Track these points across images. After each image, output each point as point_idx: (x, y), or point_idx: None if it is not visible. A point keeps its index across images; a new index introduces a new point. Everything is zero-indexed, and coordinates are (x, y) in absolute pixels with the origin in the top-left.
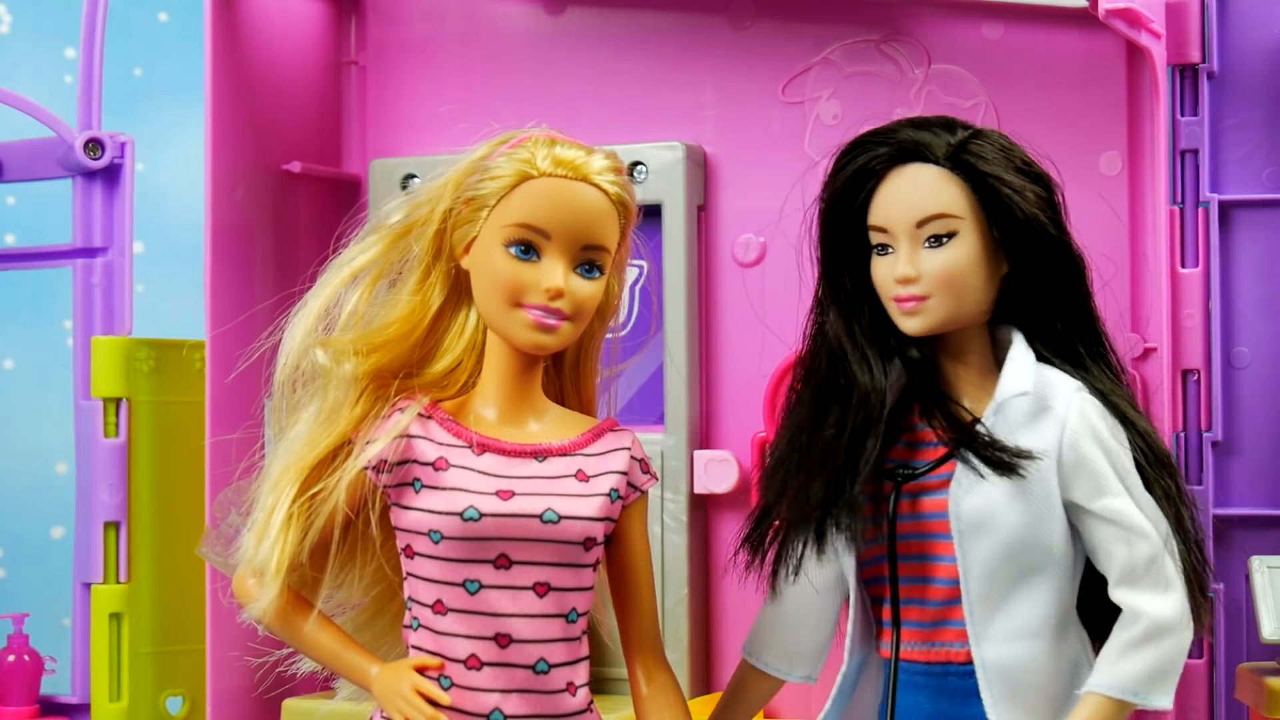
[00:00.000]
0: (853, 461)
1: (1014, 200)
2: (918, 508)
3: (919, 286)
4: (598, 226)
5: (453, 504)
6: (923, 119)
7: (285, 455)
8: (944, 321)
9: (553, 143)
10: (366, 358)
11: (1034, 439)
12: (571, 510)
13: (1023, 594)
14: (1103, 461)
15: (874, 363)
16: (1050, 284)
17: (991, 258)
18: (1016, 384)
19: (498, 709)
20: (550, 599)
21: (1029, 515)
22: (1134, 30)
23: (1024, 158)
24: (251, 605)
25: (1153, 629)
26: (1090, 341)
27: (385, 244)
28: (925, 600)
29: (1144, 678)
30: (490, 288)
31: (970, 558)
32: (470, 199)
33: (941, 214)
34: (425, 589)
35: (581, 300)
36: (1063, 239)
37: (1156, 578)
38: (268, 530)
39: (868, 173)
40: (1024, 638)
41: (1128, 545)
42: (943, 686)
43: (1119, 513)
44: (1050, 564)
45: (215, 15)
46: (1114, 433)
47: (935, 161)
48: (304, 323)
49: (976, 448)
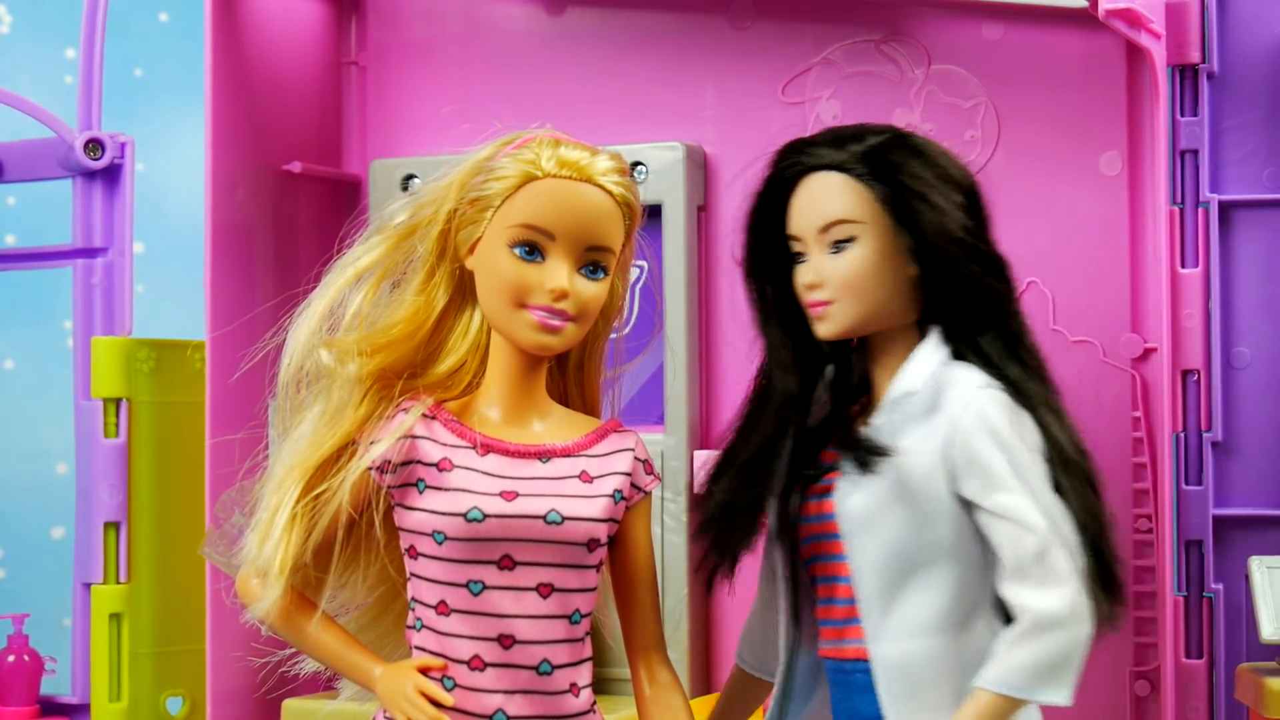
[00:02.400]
0: (760, 462)
1: (916, 204)
2: (822, 509)
3: (823, 291)
4: (602, 227)
5: (456, 505)
6: (840, 129)
7: (289, 456)
8: (852, 324)
9: (557, 143)
10: (371, 358)
11: (922, 436)
12: (575, 511)
13: (916, 590)
14: (997, 457)
15: (790, 368)
16: (960, 285)
17: (895, 261)
18: (906, 383)
19: (501, 710)
20: (554, 600)
21: (912, 514)
22: (1134, 30)
23: (942, 162)
24: (255, 605)
25: (1037, 623)
26: (1007, 340)
27: (389, 244)
28: (834, 599)
29: (1029, 671)
30: (494, 288)
31: (859, 556)
32: (475, 199)
33: (841, 219)
34: (429, 590)
35: (586, 301)
36: (973, 243)
37: (1042, 572)
38: (271, 530)
39: (782, 182)
40: (920, 634)
41: (1016, 540)
42: (849, 683)
43: (1009, 508)
44: (941, 559)
45: (215, 15)
46: (1017, 429)
47: (839, 168)
48: (308, 323)
49: (848, 447)
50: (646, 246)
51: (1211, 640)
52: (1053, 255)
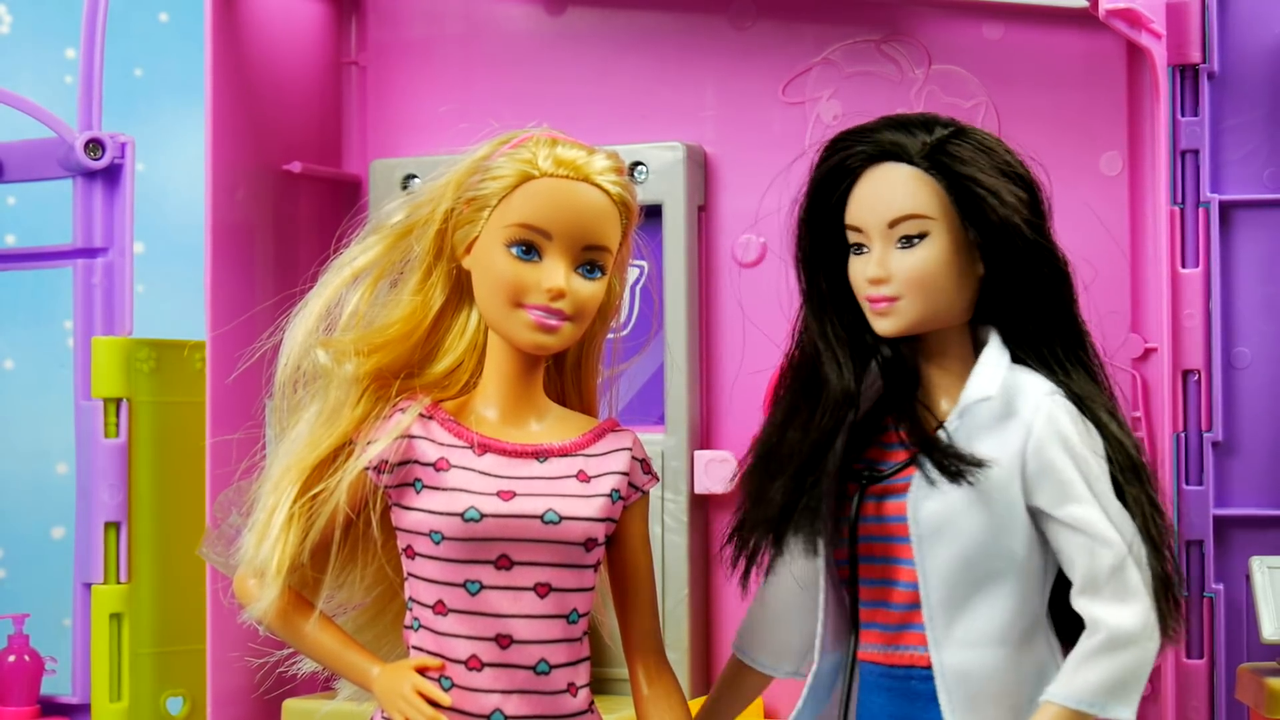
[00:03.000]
0: (816, 463)
1: (988, 202)
2: (882, 510)
3: (890, 287)
4: (599, 227)
5: (454, 504)
6: (904, 117)
7: (286, 456)
8: (916, 322)
9: (554, 143)
10: (368, 358)
11: (997, 444)
12: (572, 511)
13: (983, 600)
14: (1069, 468)
15: (844, 363)
16: (1028, 286)
17: (965, 259)
18: (981, 388)
19: (498, 710)
20: (551, 600)
21: (989, 522)
22: (1134, 30)
23: (1007, 158)
24: (252, 605)
25: (1112, 639)
26: (1070, 345)
27: (386, 244)
28: (889, 603)
29: (1102, 688)
30: (491, 288)
31: (929, 563)
32: (471, 199)
33: (912, 214)
34: (426, 589)
35: (583, 300)
36: (1040, 242)
37: (1118, 587)
38: (268, 531)
39: (844, 171)
40: (985, 644)
41: (1090, 554)
42: (904, 690)
43: (1083, 520)
44: (1012, 570)
45: (215, 15)
46: (1085, 438)
47: (909, 160)
48: (305, 323)
49: (932, 453)
50: (644, 246)
51: (1212, 640)
52: None
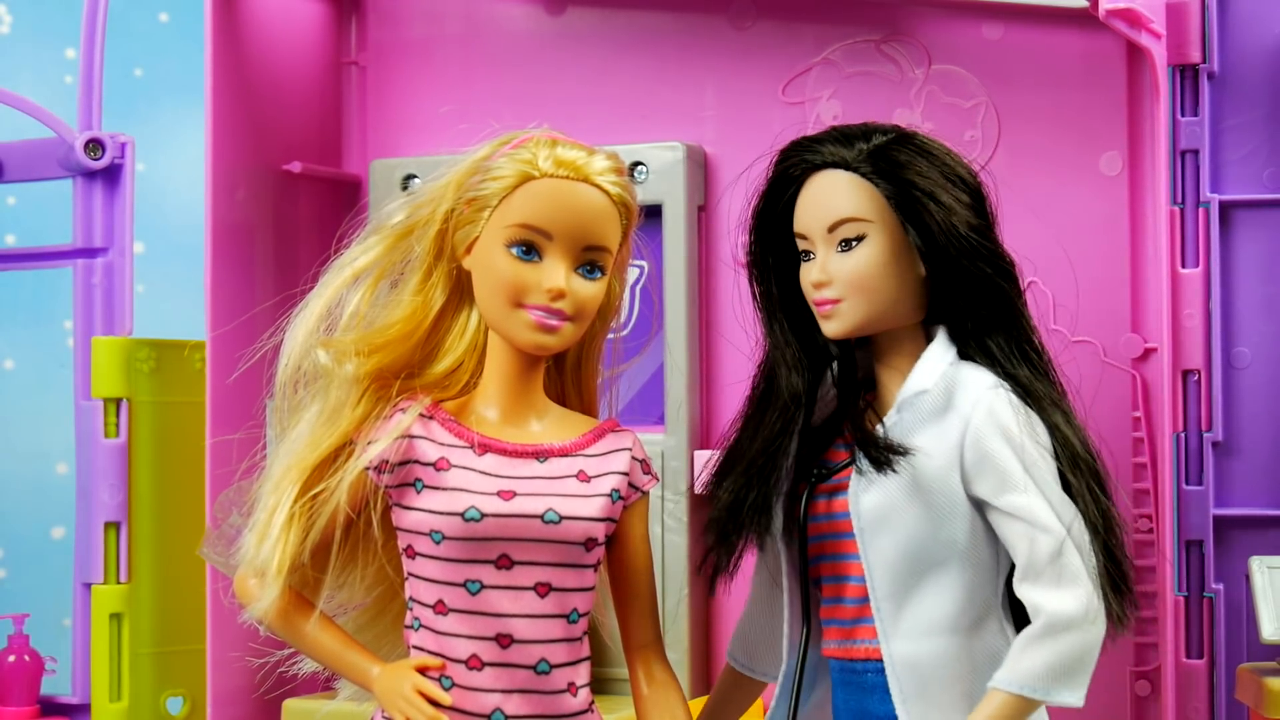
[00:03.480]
0: (766, 461)
1: (924, 203)
2: (832, 508)
3: (831, 290)
4: (599, 227)
5: (454, 504)
6: (847, 128)
7: (287, 456)
8: (860, 324)
9: (554, 143)
10: (368, 358)
11: (935, 436)
12: (573, 510)
13: (929, 590)
14: (1008, 457)
15: (794, 366)
16: (970, 286)
17: (905, 260)
18: (918, 382)
19: (499, 709)
20: (551, 599)
21: (928, 513)
22: (1134, 30)
23: (948, 161)
24: (253, 605)
25: (1051, 624)
26: (1014, 339)
27: (387, 244)
28: (843, 598)
29: (1045, 673)
30: (492, 288)
31: (873, 555)
32: (472, 199)
33: (850, 218)
34: (426, 589)
35: (583, 301)
36: (981, 243)
37: (1057, 573)
38: (269, 530)
39: (788, 180)
40: (932, 634)
41: (1030, 540)
42: (860, 684)
43: (1022, 508)
44: (955, 560)
45: (216, 16)
46: (1026, 428)
47: (847, 166)
48: (306, 323)
49: (865, 447)
50: (644, 246)
51: (1212, 640)
52: (1053, 255)
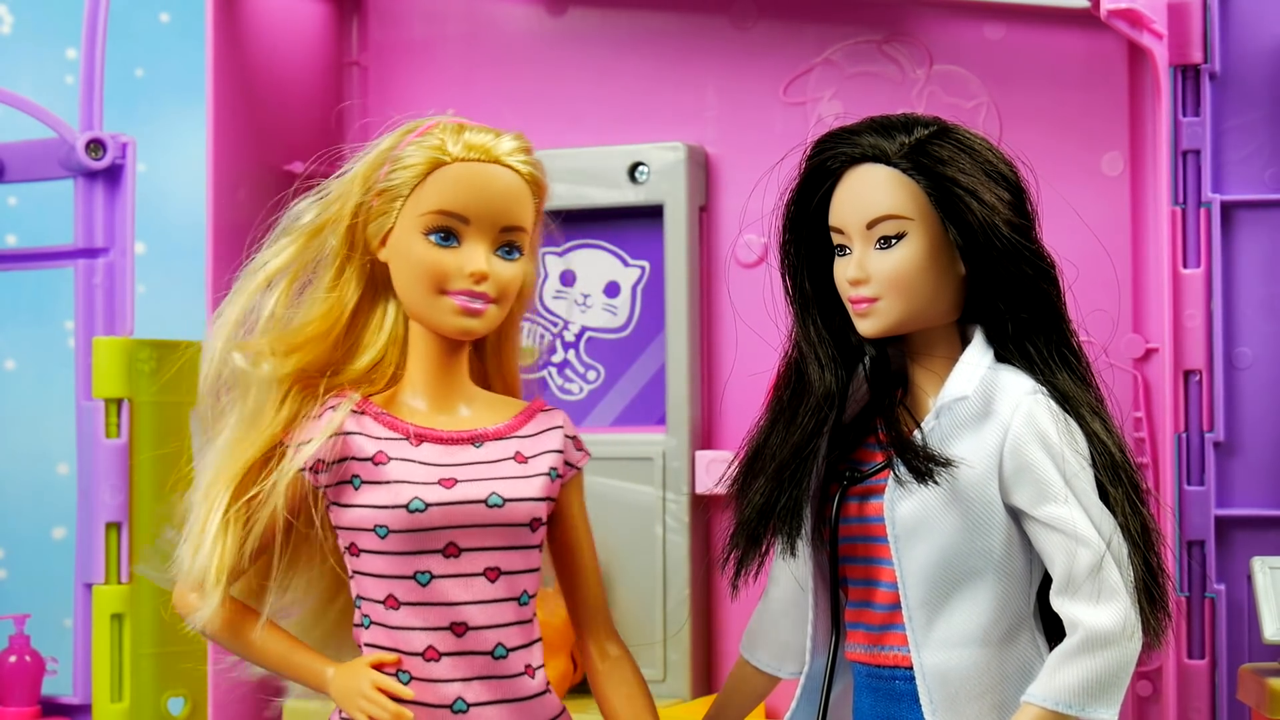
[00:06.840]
0: (797, 462)
1: (966, 201)
2: (864, 511)
3: (869, 288)
4: (514, 207)
5: (397, 497)
6: (887, 119)
7: (214, 463)
8: (897, 323)
9: (461, 128)
10: (286, 358)
11: (974, 443)
12: (515, 492)
13: (963, 600)
14: (1048, 467)
15: (826, 365)
16: (1010, 286)
17: (945, 259)
18: (957, 388)
19: (460, 698)
20: (501, 583)
21: (965, 522)
22: (1136, 31)
23: (990, 158)
24: (193, 617)
25: (1090, 640)
26: (1055, 344)
27: (298, 245)
28: (872, 603)
29: (1081, 689)
30: (412, 277)
31: (907, 563)
32: (382, 190)
33: (890, 215)
34: (374, 585)
35: (505, 282)
36: (1022, 242)
37: (1096, 587)
38: (203, 540)
39: (825, 173)
40: (965, 644)
41: (1068, 553)
42: (889, 691)
43: (1061, 520)
44: (991, 570)
45: (217, 16)
46: (1066, 437)
47: (888, 161)
48: (223, 330)
49: (904, 454)
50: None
51: (1214, 641)
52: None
